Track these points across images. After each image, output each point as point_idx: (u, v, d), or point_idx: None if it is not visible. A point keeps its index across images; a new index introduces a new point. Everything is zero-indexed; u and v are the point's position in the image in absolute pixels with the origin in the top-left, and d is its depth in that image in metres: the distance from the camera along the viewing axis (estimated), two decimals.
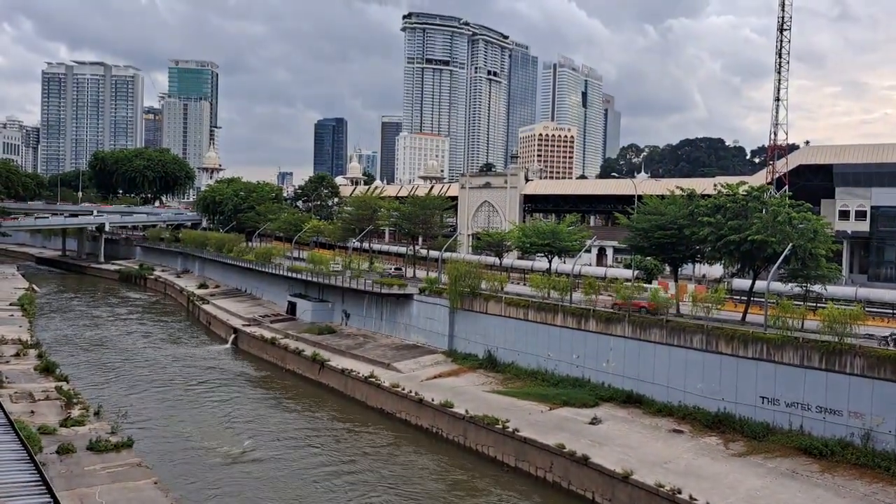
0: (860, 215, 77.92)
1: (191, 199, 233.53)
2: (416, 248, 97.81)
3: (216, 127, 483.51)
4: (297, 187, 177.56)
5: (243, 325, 78.83)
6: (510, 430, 41.25)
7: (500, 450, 41.75)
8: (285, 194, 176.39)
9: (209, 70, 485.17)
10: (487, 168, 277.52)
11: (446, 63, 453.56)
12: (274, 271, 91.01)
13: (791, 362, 39.23)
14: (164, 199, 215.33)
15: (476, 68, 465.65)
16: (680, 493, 31.46)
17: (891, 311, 56.08)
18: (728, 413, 41.04)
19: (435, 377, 54.58)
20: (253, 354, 72.54)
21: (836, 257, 58.06)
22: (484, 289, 61.39)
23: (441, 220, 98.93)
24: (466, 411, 44.82)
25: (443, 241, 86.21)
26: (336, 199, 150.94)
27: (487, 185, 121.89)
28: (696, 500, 30.80)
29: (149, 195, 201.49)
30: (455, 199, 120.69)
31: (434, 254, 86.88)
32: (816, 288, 49.89)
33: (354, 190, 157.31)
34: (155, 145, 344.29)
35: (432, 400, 47.82)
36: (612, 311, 50.51)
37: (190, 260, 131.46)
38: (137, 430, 43.31)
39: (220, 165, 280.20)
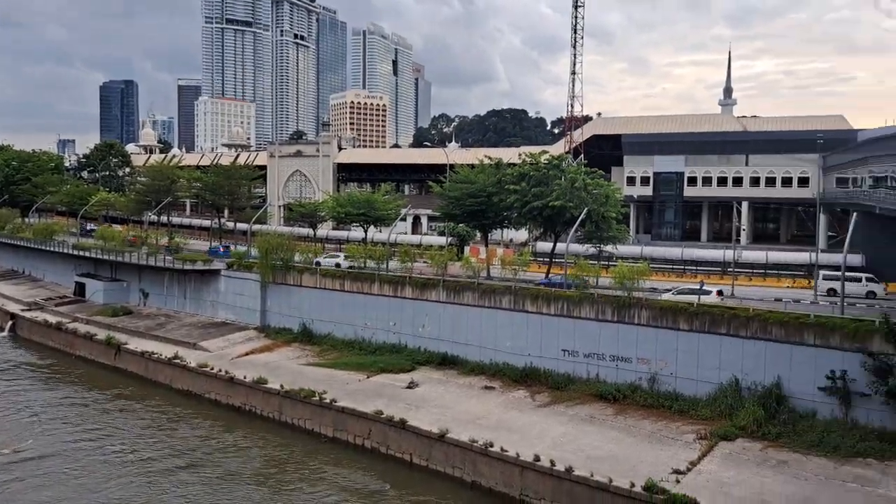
0: (645, 181, 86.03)
1: None
2: (222, 220, 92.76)
3: None
4: (81, 156, 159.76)
5: (22, 310, 70.15)
6: (327, 401, 40.64)
7: (318, 422, 41.04)
8: (67, 164, 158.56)
9: None
10: (298, 136, 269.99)
11: (249, 24, 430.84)
12: (57, 249, 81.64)
13: (588, 317, 42.34)
14: None
15: (282, 31, 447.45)
16: (492, 446, 32.82)
17: (671, 266, 62.67)
18: (534, 367, 43.51)
19: (247, 354, 52.29)
20: (36, 342, 64.95)
21: (625, 219, 63.45)
22: (298, 261, 59.65)
23: (249, 190, 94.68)
24: (282, 386, 43.45)
25: (252, 212, 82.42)
26: (128, 170, 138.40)
27: (299, 154, 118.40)
28: (506, 451, 32.29)
29: None
30: (264, 168, 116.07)
31: (242, 226, 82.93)
32: (609, 248, 54.28)
33: (149, 159, 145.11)
34: None
35: (244, 378, 45.80)
36: (427, 277, 51.34)
37: None
38: None
39: None
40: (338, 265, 59.53)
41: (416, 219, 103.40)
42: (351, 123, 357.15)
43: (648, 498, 27.53)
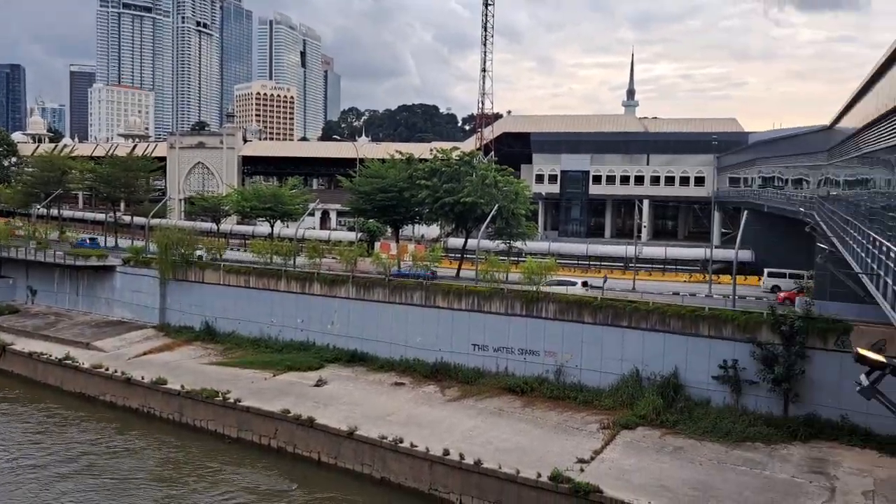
0: (552, 179, 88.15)
1: None
2: (119, 214, 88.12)
3: None
4: None
5: None
6: (231, 401, 39.33)
7: (221, 422, 39.65)
8: None
9: None
10: (200, 127, 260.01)
11: (148, 10, 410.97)
12: None
13: (498, 311, 42.89)
14: None
15: (183, 17, 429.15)
16: (402, 442, 32.69)
17: (576, 262, 64.46)
18: (445, 362, 43.68)
19: (145, 354, 49.90)
20: None
21: (534, 216, 64.71)
22: (199, 257, 57.41)
23: (147, 183, 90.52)
24: (182, 387, 41.70)
25: (150, 206, 78.68)
26: (14, 159, 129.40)
27: (201, 146, 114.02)
28: (416, 446, 32.23)
29: None
30: (163, 160, 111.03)
31: (140, 220, 79.06)
32: (518, 244, 55.12)
33: (37, 148, 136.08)
34: None
35: (142, 378, 43.70)
36: (336, 273, 50.54)
37: None
38: None
39: None
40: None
41: (325, 214, 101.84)
42: (257, 115, 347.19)
43: (554, 487, 28.14)
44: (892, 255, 18.84)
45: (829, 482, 28.03)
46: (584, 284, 45.33)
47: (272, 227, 71.80)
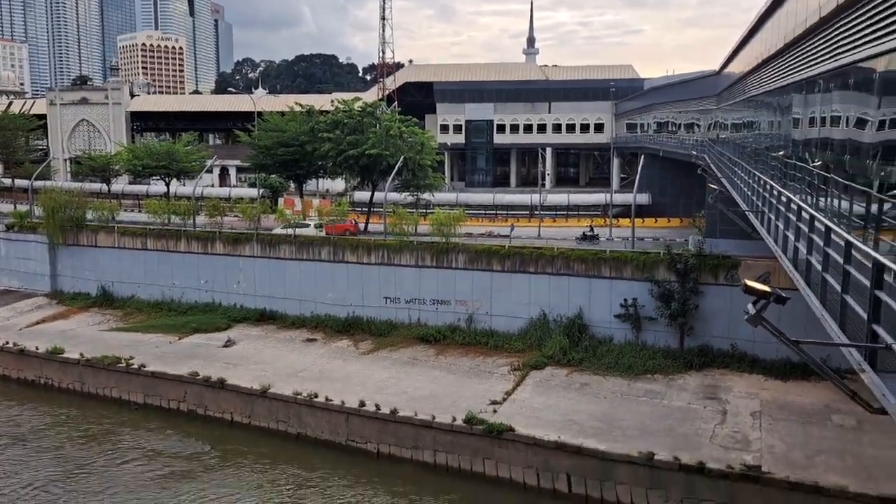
0: (457, 129, 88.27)
1: None
2: None
3: None
4: None
5: None
6: (135, 366, 37.95)
7: (126, 389, 38.26)
8: None
9: None
10: (83, 81, 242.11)
11: None
12: None
13: (409, 264, 43.03)
14: None
15: None
16: (316, 397, 32.65)
17: (483, 212, 65.31)
18: (357, 316, 43.62)
19: (38, 323, 47.19)
20: None
21: (441, 167, 64.86)
22: (91, 219, 54.31)
23: (27, 142, 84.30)
24: (81, 355, 39.85)
25: (32, 167, 73.32)
26: None
27: (84, 101, 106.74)
28: (331, 400, 32.29)
29: None
30: (44, 117, 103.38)
31: (22, 183, 73.68)
32: (426, 196, 55.20)
33: None
34: None
35: (37, 349, 41.41)
36: (239, 231, 49.03)
37: None
38: None
39: None
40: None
41: (224, 170, 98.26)
42: (144, 68, 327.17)
43: (469, 429, 28.98)
44: (774, 192, 20.11)
45: (721, 406, 30.21)
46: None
47: (168, 186, 68.72)
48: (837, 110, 13.99)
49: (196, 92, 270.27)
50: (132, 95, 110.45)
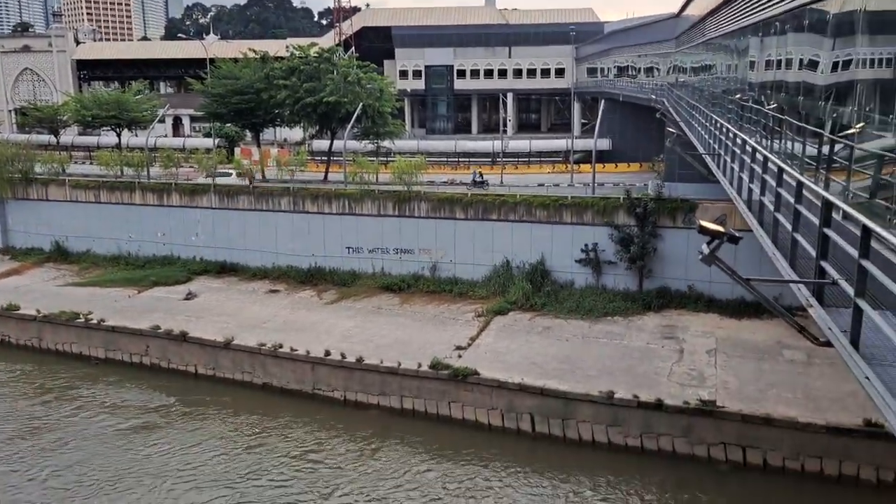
0: (417, 74, 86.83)
1: None
2: None
3: None
4: None
5: None
6: (95, 321, 37.39)
7: (86, 344, 37.73)
8: None
9: None
10: (24, 28, 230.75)
11: None
12: None
13: (370, 213, 42.76)
14: None
15: None
16: (281, 347, 32.68)
17: (445, 160, 64.90)
18: (319, 267, 43.43)
19: None
20: None
21: (401, 114, 63.96)
22: (40, 172, 52.54)
23: None
24: (38, 311, 39.07)
25: None
26: None
27: (27, 49, 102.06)
28: (296, 350, 32.37)
29: None
30: None
31: None
32: (386, 143, 54.54)
33: None
34: None
35: None
36: (196, 182, 48.03)
37: None
38: None
39: None
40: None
41: (177, 120, 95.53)
42: (88, 14, 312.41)
43: (434, 374, 29.42)
44: (730, 135, 20.38)
45: (679, 345, 31.16)
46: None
47: (119, 136, 66.62)
48: (791, 52, 14.12)
49: (144, 38, 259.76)
50: (77, 43, 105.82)
